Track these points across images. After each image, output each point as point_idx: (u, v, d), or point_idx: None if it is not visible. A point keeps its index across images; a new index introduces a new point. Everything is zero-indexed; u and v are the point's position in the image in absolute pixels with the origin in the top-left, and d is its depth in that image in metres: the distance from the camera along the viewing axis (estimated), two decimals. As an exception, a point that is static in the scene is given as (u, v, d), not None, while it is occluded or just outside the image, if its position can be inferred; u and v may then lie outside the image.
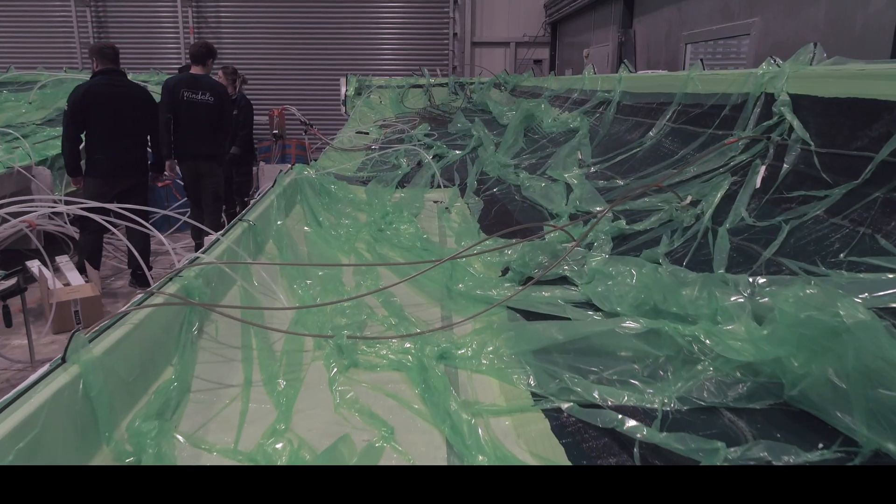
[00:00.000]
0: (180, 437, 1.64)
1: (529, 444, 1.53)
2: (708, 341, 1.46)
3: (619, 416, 1.44)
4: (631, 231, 2.60)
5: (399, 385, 1.92)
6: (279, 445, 1.61)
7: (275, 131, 9.46)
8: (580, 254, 2.47)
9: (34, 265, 4.21)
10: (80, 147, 4.85)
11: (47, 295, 3.89)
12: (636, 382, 1.57)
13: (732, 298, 1.52)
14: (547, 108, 5.33)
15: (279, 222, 3.44)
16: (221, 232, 2.81)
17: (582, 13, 9.83)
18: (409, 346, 2.12)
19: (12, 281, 3.15)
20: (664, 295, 1.64)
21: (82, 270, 4.36)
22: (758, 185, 2.41)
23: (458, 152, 5.47)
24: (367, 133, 6.91)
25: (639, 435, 1.35)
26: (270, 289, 2.73)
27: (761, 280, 1.74)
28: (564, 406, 1.59)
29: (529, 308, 2.22)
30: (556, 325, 1.80)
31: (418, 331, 2.23)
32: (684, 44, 5.84)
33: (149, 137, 5.24)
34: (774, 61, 2.73)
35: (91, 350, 1.60)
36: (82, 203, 2.85)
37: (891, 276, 1.47)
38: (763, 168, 2.45)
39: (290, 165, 4.41)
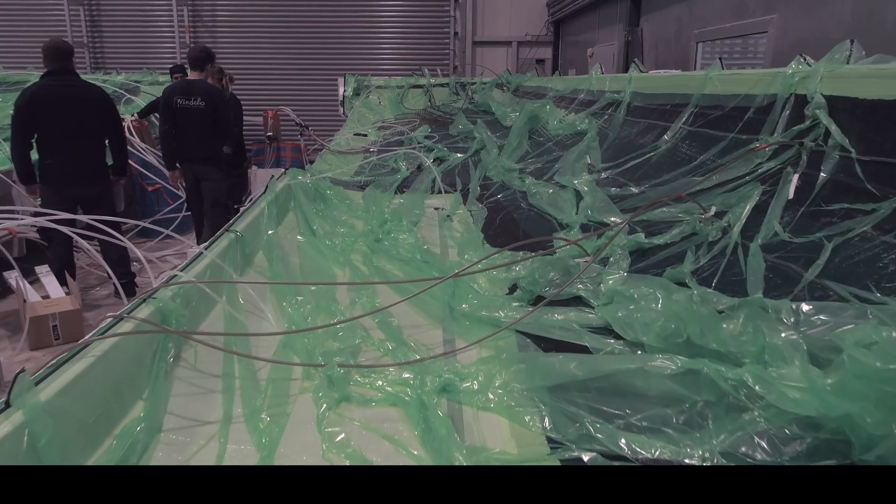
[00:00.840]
0: (144, 491, 1.42)
1: None
2: (758, 387, 1.24)
3: (654, 475, 1.22)
4: (650, 245, 2.38)
5: (396, 424, 1.71)
6: (257, 502, 1.40)
7: (269, 133, 9.22)
8: (595, 271, 2.26)
9: (12, 276, 3.99)
10: (32, 153, 4.50)
11: (24, 308, 3.67)
12: (669, 431, 1.35)
13: (783, 335, 1.31)
14: (552, 110, 5.12)
15: (270, 232, 3.23)
16: (205, 245, 2.60)
17: (586, 11, 9.61)
18: (407, 375, 1.91)
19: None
20: (702, 329, 1.42)
21: (63, 281, 4.15)
22: (790, 196, 2.19)
23: (459, 155, 5.25)
24: (366, 135, 6.69)
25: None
26: (258, 307, 2.52)
27: (806, 307, 1.53)
28: (586, 457, 1.37)
29: (541, 333, 2.01)
30: (574, 358, 1.58)
31: (418, 357, 2.02)
32: (695, 42, 5.62)
33: (112, 141, 4.88)
34: (804, 59, 2.52)
35: (38, 393, 1.38)
36: (52, 214, 2.63)
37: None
38: (796, 177, 2.23)
39: (283, 170, 4.20)
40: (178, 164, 5.62)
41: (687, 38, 5.78)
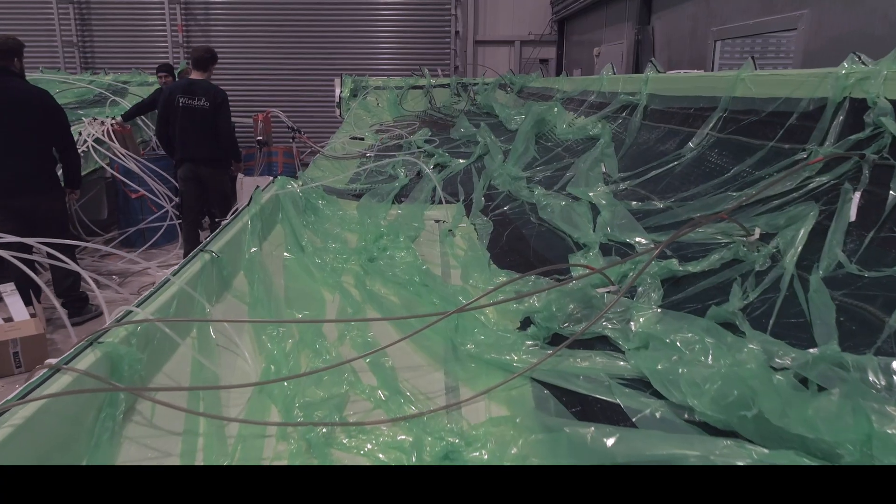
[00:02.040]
0: None
1: None
2: (872, 500, 0.92)
3: None
4: (684, 273, 2.06)
5: (388, 507, 1.39)
6: None
7: (259, 137, 8.84)
8: (622, 304, 1.94)
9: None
10: None
11: (-17, 333, 3.36)
12: (744, 543, 1.03)
13: (897, 421, 0.99)
14: (560, 112, 4.80)
15: (253, 250, 2.90)
16: (173, 269, 2.28)
17: (592, 9, 9.30)
18: (402, 437, 1.60)
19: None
20: (784, 408, 1.10)
21: (29, 301, 3.83)
22: (852, 219, 1.87)
23: (461, 161, 4.93)
24: (363, 139, 6.37)
25: None
26: (233, 342, 2.20)
27: (900, 367, 1.21)
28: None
29: (561, 383, 1.69)
30: (611, 432, 1.26)
31: (415, 411, 1.71)
32: (713, 41, 5.30)
33: (59, 151, 4.49)
34: (859, 58, 2.20)
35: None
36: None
37: None
38: (857, 195, 1.91)
39: (272, 179, 3.88)
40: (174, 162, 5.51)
41: (703, 37, 5.46)
